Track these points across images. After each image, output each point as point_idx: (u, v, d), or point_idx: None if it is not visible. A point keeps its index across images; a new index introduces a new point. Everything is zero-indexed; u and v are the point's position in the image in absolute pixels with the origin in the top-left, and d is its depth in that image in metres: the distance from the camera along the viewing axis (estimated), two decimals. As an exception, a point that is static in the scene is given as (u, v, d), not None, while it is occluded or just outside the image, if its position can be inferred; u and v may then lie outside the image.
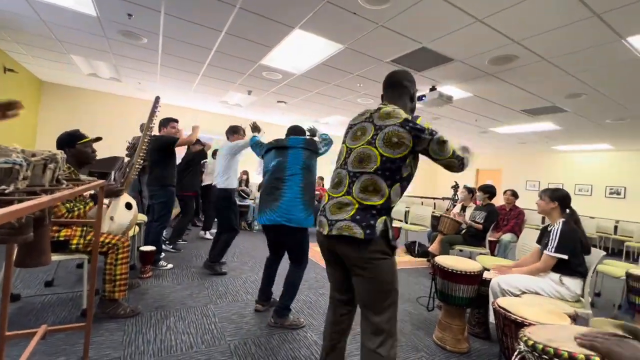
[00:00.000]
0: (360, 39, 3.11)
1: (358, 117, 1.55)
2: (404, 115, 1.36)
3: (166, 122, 3.51)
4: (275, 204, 2.15)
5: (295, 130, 2.50)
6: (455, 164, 1.40)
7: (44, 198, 0.90)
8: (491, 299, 2.15)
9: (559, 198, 2.29)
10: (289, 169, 2.20)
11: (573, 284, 2.11)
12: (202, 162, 4.86)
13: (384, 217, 1.30)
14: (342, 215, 1.33)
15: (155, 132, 3.47)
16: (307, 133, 2.52)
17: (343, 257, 1.38)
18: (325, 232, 1.37)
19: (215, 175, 3.40)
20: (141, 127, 4.10)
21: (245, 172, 7.10)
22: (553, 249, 2.13)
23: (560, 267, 2.14)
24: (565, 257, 2.10)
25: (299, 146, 2.24)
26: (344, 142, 1.53)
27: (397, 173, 1.33)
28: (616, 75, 3.40)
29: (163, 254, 3.62)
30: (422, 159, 1.44)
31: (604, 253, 2.24)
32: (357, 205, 1.31)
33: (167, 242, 4.00)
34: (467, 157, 1.43)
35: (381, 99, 1.58)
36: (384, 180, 1.31)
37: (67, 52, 4.37)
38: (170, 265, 3.33)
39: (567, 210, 2.31)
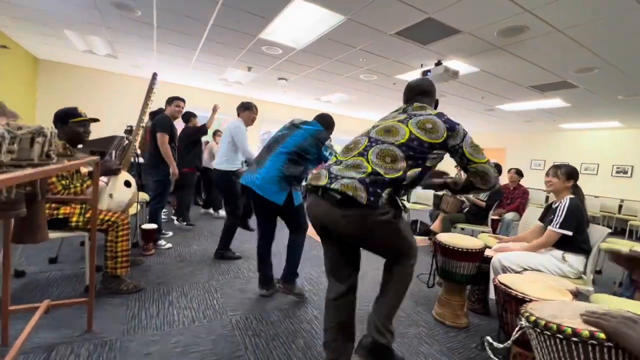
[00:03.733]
0: (363, 9, 2.96)
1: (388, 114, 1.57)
2: (437, 111, 1.42)
3: (171, 100, 3.42)
4: (258, 168, 2.15)
5: (319, 119, 2.37)
6: (491, 171, 1.34)
7: (29, 170, 0.86)
8: (492, 275, 2.14)
9: (574, 176, 2.23)
10: (284, 144, 2.17)
11: (576, 261, 2.10)
12: (202, 140, 4.78)
13: (390, 189, 1.22)
14: (350, 174, 1.23)
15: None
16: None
17: (335, 229, 1.31)
18: (321, 183, 1.27)
19: (218, 155, 3.26)
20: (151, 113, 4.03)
21: None
22: (558, 225, 2.10)
23: (564, 244, 2.12)
24: (570, 233, 2.07)
25: (308, 131, 2.19)
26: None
27: (420, 157, 1.28)
28: (632, 48, 3.23)
29: (170, 233, 3.65)
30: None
31: (609, 230, 2.20)
32: (369, 170, 1.23)
33: (179, 219, 4.04)
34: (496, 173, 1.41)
35: (405, 102, 1.61)
36: (404, 158, 1.25)
37: (60, 27, 4.23)
38: (169, 245, 3.32)
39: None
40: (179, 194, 4.16)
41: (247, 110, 3.20)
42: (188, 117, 4.34)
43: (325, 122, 2.35)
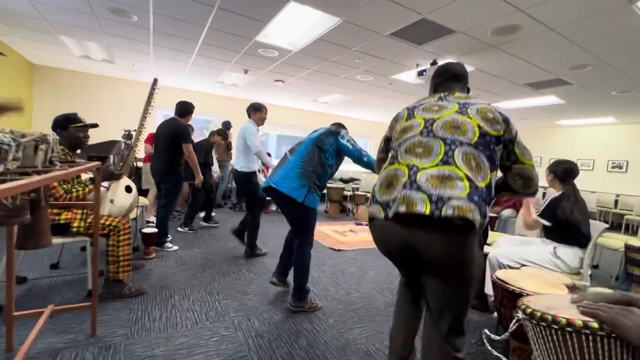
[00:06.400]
0: (358, 11, 2.99)
1: (421, 100, 1.30)
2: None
3: (190, 111, 3.58)
4: (279, 170, 2.19)
5: (332, 125, 2.50)
6: (536, 176, 1.18)
7: (35, 178, 0.88)
8: (488, 272, 2.17)
9: (554, 170, 2.31)
10: (302, 144, 2.25)
11: (569, 257, 2.12)
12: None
13: (487, 205, 0.99)
14: (454, 191, 0.95)
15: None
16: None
17: (426, 252, 1.03)
18: (424, 210, 0.94)
19: (237, 157, 3.42)
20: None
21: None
22: (538, 212, 2.24)
23: (553, 236, 2.19)
24: (548, 224, 2.16)
25: (322, 128, 2.31)
26: (409, 118, 1.22)
27: (494, 156, 1.06)
28: (623, 44, 3.28)
29: (170, 237, 3.66)
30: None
31: (607, 225, 2.23)
32: (467, 182, 0.97)
33: (182, 225, 4.17)
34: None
35: (433, 90, 1.38)
36: (485, 159, 1.04)
37: (56, 33, 4.23)
38: (175, 247, 3.38)
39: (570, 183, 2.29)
40: (191, 204, 4.34)
41: (257, 112, 3.41)
42: (219, 131, 4.45)
43: (338, 125, 2.47)
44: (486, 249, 2.37)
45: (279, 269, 2.51)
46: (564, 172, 2.27)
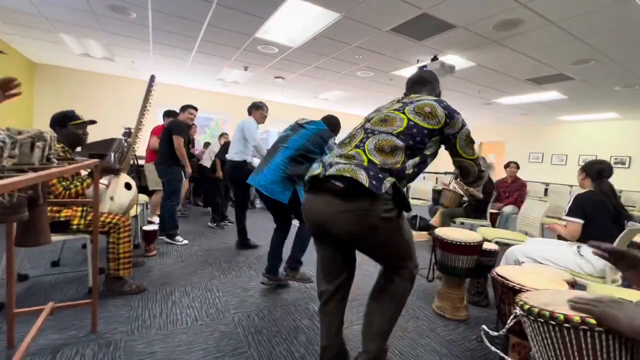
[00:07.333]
0: (358, 6, 2.97)
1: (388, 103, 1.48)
2: (436, 98, 1.34)
3: (185, 108, 3.63)
4: (263, 169, 2.22)
5: (325, 119, 2.44)
6: (476, 170, 1.34)
7: (31, 175, 0.88)
8: (503, 262, 2.16)
9: (586, 169, 2.25)
10: (289, 142, 2.22)
11: (595, 257, 2.02)
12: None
13: (393, 179, 1.11)
14: (348, 161, 1.15)
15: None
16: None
17: (333, 227, 1.19)
18: (314, 173, 1.20)
19: (231, 148, 3.47)
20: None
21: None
22: (566, 212, 2.14)
23: (582, 235, 2.09)
24: (580, 221, 2.06)
25: (311, 131, 2.23)
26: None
27: (420, 145, 1.20)
28: (627, 39, 3.25)
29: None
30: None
31: (638, 226, 2.13)
32: (366, 159, 1.14)
33: (211, 221, 4.37)
34: (486, 173, 1.38)
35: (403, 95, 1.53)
36: (404, 147, 1.17)
37: (55, 31, 4.23)
38: (185, 242, 3.47)
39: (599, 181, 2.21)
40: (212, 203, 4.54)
41: (259, 109, 3.45)
42: None
43: (331, 123, 2.40)
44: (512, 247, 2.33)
45: (269, 268, 2.47)
46: (597, 172, 2.19)
